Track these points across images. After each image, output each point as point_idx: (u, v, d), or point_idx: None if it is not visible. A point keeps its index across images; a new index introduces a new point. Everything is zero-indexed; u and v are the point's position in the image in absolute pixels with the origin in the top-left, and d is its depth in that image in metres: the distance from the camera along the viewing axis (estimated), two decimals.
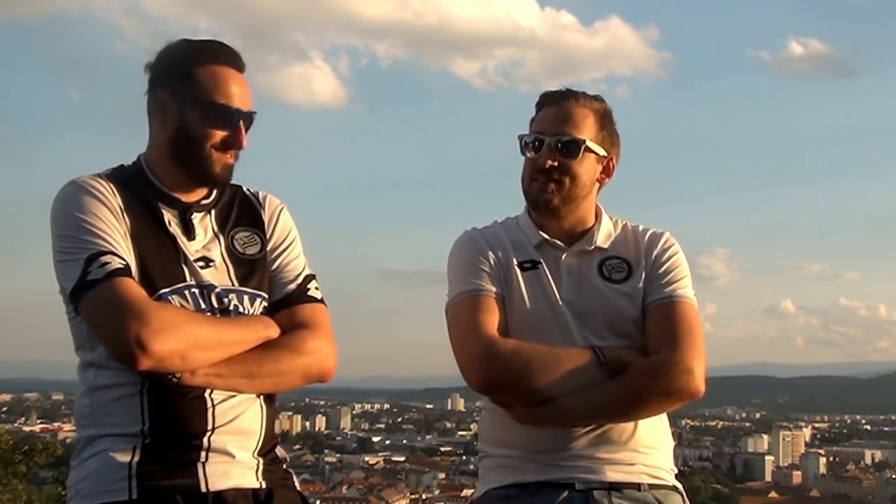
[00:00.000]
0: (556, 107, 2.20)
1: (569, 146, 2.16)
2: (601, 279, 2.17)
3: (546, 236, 2.21)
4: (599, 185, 2.26)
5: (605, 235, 2.23)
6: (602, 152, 2.21)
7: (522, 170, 2.23)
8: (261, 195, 2.11)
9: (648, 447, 2.10)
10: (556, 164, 2.16)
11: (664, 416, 2.18)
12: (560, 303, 2.14)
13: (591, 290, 2.16)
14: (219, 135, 1.93)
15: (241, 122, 1.94)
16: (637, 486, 2.06)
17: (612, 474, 2.05)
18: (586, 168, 2.19)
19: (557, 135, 2.17)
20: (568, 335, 2.10)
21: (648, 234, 2.26)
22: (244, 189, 2.09)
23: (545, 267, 2.17)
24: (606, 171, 2.25)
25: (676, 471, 2.18)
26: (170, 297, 1.85)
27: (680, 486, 2.16)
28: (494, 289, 2.14)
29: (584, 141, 2.17)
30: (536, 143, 2.19)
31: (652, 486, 2.08)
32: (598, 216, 2.27)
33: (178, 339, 1.75)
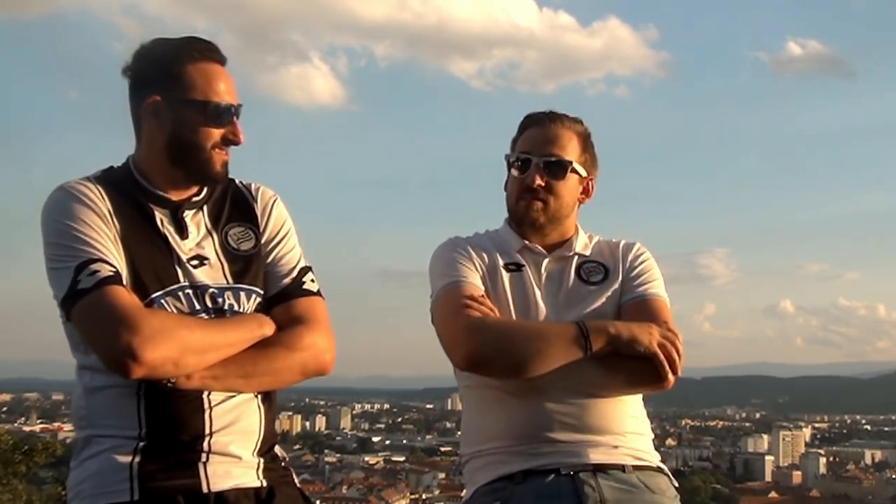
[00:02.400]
0: (542, 128, 2.29)
1: (555, 167, 2.26)
2: (580, 281, 2.26)
3: (527, 242, 2.30)
4: (579, 204, 2.35)
5: (582, 244, 2.34)
6: (584, 173, 2.31)
7: (508, 188, 2.33)
8: (253, 187, 2.08)
9: (630, 432, 2.15)
10: (543, 183, 2.25)
11: (640, 405, 2.22)
12: (541, 303, 2.21)
13: (570, 291, 2.24)
14: (217, 133, 1.92)
15: (236, 118, 1.94)
16: (621, 468, 2.09)
17: (596, 456, 2.08)
18: (570, 188, 2.29)
19: (545, 156, 2.26)
20: None
21: (622, 244, 2.36)
22: (236, 182, 2.07)
23: (528, 269, 2.26)
24: (586, 192, 2.36)
25: (659, 457, 2.21)
26: (163, 300, 1.83)
27: (665, 467, 2.19)
28: (476, 282, 2.19)
29: (571, 162, 2.27)
30: (522, 164, 2.28)
31: (636, 468, 2.11)
32: (576, 231, 2.36)
33: (170, 345, 1.72)
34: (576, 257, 2.30)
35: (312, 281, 2.02)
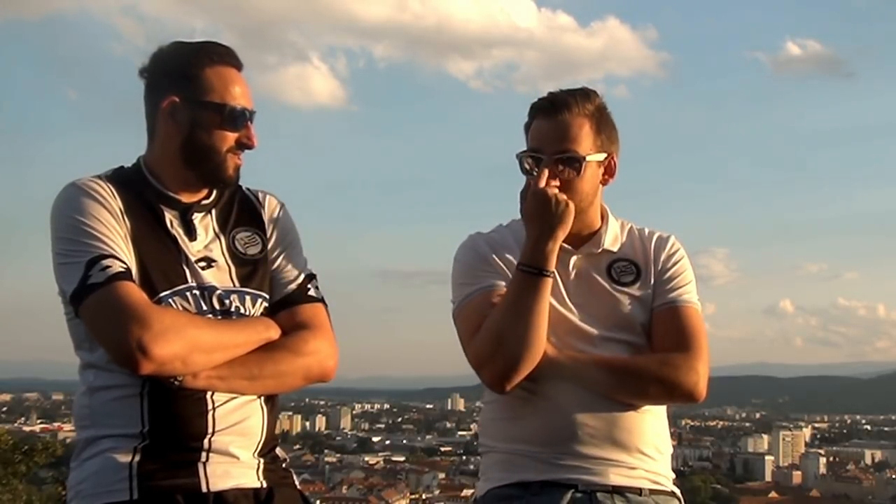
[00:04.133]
0: (550, 120, 2.12)
1: (569, 164, 2.10)
2: (610, 281, 2.16)
3: None
4: (603, 185, 2.21)
5: (612, 238, 2.21)
6: (602, 158, 2.15)
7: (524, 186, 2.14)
8: (260, 195, 2.10)
9: (652, 451, 2.11)
10: (558, 184, 2.08)
11: (665, 422, 2.19)
12: (569, 305, 2.13)
13: (599, 293, 2.15)
14: (232, 137, 1.94)
15: (250, 122, 1.96)
16: (638, 491, 2.06)
17: (615, 478, 2.05)
18: (588, 180, 2.13)
19: (556, 153, 2.10)
20: (577, 337, 2.11)
21: (655, 237, 2.25)
22: (244, 188, 2.08)
23: (554, 271, 2.10)
24: (609, 171, 2.20)
25: (674, 476, 2.20)
26: (170, 300, 1.84)
27: (678, 491, 2.17)
28: (500, 282, 2.11)
29: (584, 158, 2.10)
30: (534, 162, 2.13)
31: (652, 492, 2.09)
32: (604, 218, 2.24)
33: (180, 342, 1.74)
34: (605, 255, 2.19)
35: (317, 288, 2.04)
